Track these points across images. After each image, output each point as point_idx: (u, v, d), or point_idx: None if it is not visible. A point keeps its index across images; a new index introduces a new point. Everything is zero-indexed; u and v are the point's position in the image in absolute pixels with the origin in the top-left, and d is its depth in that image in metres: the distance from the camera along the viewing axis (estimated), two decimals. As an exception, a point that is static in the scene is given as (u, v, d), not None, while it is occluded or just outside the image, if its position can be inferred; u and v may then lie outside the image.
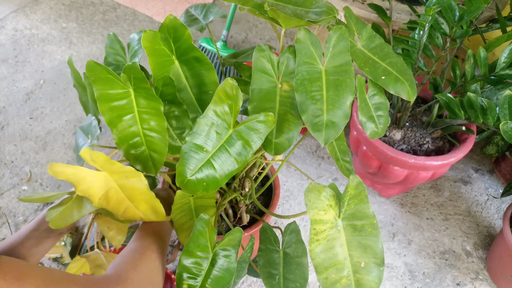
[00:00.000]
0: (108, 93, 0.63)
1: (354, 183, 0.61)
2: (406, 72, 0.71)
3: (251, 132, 0.61)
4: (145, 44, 0.64)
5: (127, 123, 0.65)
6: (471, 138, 1.16)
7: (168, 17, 0.65)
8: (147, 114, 0.65)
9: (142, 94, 0.64)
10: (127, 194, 0.64)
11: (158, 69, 0.67)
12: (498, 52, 1.45)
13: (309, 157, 1.54)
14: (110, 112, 0.64)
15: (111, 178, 0.63)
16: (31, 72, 1.83)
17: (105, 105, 0.64)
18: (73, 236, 1.27)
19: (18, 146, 1.55)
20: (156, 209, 0.67)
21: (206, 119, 0.61)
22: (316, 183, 0.60)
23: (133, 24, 2.08)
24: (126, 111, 0.65)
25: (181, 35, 0.66)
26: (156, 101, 0.64)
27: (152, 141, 0.66)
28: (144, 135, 0.66)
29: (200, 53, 0.67)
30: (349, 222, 0.60)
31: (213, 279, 0.62)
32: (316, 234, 0.58)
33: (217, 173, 0.61)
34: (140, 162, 0.66)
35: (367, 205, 0.60)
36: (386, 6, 1.25)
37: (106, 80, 0.62)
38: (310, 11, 0.64)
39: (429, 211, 1.40)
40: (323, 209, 0.59)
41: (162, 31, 0.66)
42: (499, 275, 1.19)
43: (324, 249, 0.58)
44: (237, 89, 0.60)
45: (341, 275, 0.58)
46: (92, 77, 0.61)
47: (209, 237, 0.64)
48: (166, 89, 0.66)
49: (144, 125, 0.65)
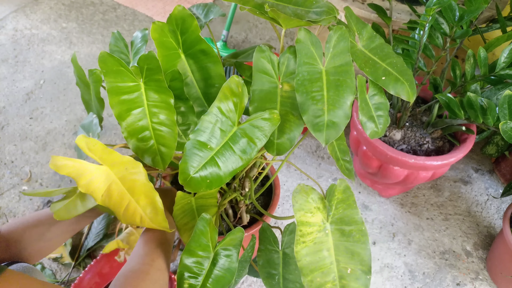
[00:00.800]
0: (119, 86, 0.63)
1: (342, 188, 0.61)
2: (406, 72, 0.71)
3: (255, 130, 0.61)
4: (154, 36, 0.64)
5: (136, 117, 0.64)
6: (471, 138, 1.16)
7: (176, 7, 0.64)
8: (157, 108, 0.65)
9: (153, 87, 0.64)
10: (127, 187, 0.63)
11: (166, 62, 0.66)
12: (498, 52, 1.45)
13: (309, 157, 1.54)
14: (119, 106, 0.63)
15: (111, 171, 0.62)
16: (31, 72, 1.83)
17: (115, 98, 0.63)
18: (73, 236, 1.27)
19: (18, 146, 1.55)
20: (155, 204, 0.64)
21: (210, 116, 0.61)
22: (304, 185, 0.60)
23: (133, 24, 2.08)
24: (136, 104, 0.64)
25: (188, 26, 0.65)
26: (167, 94, 0.63)
27: (161, 135, 0.65)
28: (153, 129, 0.65)
29: (207, 45, 0.67)
30: (337, 227, 0.60)
31: (214, 278, 0.62)
32: (302, 236, 0.58)
33: (221, 171, 0.61)
34: (149, 156, 0.66)
35: (356, 211, 0.60)
36: (386, 6, 1.25)
37: (118, 72, 0.62)
38: (310, 11, 0.64)
39: (429, 211, 1.40)
40: (310, 211, 0.59)
41: (170, 23, 0.65)
42: (499, 275, 1.19)
43: (310, 252, 0.58)
44: (243, 86, 0.60)
45: (327, 279, 0.57)
46: (105, 69, 0.61)
47: (210, 236, 0.64)
48: (174, 84, 0.66)
49: (153, 119, 0.65)
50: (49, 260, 1.24)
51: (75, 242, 1.27)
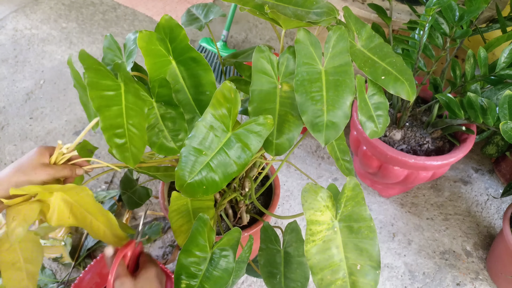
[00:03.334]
0: (99, 82, 0.63)
1: (351, 185, 0.61)
2: (406, 72, 0.71)
3: (250, 135, 0.61)
4: (141, 45, 0.64)
5: (114, 113, 0.64)
6: (471, 138, 1.16)
7: (163, 17, 0.65)
8: (133, 111, 0.65)
9: (132, 91, 0.64)
10: (84, 208, 0.68)
11: (155, 69, 0.66)
12: (498, 52, 1.45)
13: (309, 157, 1.54)
14: (99, 100, 0.63)
15: (67, 196, 0.66)
16: (31, 72, 1.83)
17: (95, 92, 0.63)
18: (73, 236, 1.28)
19: (18, 146, 1.55)
20: (110, 220, 0.69)
21: (204, 122, 0.61)
22: (313, 184, 0.60)
23: (133, 24, 2.08)
24: (114, 102, 0.64)
25: (177, 35, 0.66)
26: (142, 101, 0.64)
27: (133, 136, 0.65)
28: (127, 129, 0.65)
29: (197, 53, 0.67)
30: (345, 224, 0.60)
31: (211, 279, 0.62)
32: (312, 234, 0.58)
33: (217, 176, 0.61)
34: (121, 152, 0.65)
35: (364, 208, 0.60)
36: (386, 6, 1.25)
37: (98, 70, 0.62)
38: (311, 11, 0.64)
39: (429, 211, 1.40)
40: (320, 210, 0.59)
41: (158, 31, 0.65)
42: (499, 275, 1.19)
43: (320, 250, 0.58)
44: (236, 92, 0.60)
45: (337, 277, 0.58)
46: (85, 65, 0.61)
47: (207, 237, 0.64)
48: (162, 91, 0.66)
49: (129, 120, 0.65)
50: (49, 260, 1.24)
51: (75, 242, 1.27)
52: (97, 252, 1.26)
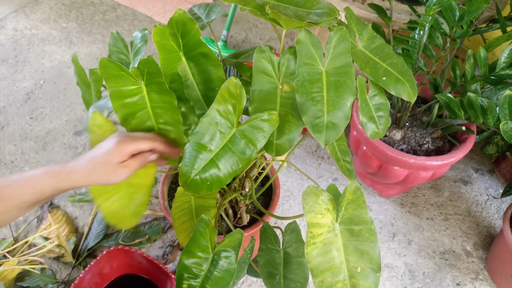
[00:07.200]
0: (121, 90, 0.63)
1: (352, 188, 0.61)
2: (407, 72, 0.71)
3: (255, 131, 0.61)
4: (155, 39, 0.64)
5: (141, 119, 0.65)
6: (471, 138, 1.16)
7: (177, 11, 0.65)
8: (160, 109, 0.65)
9: (155, 89, 0.64)
10: None
11: (166, 64, 0.67)
12: (498, 52, 1.45)
13: (309, 157, 1.54)
14: (123, 109, 0.64)
15: None
16: (31, 72, 1.83)
17: (118, 102, 0.64)
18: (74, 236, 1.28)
19: (18, 146, 1.55)
20: None
21: (209, 118, 0.61)
22: (314, 187, 0.60)
23: (133, 24, 2.08)
24: (139, 107, 0.65)
25: (189, 30, 0.66)
26: (170, 95, 0.64)
27: (166, 134, 0.67)
28: (158, 129, 0.66)
29: (208, 49, 0.67)
30: (346, 227, 0.60)
31: (213, 279, 0.62)
32: (312, 237, 0.58)
33: (221, 172, 0.61)
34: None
35: (365, 211, 0.60)
36: (386, 6, 1.25)
37: (119, 77, 0.62)
38: (311, 12, 0.64)
39: (429, 211, 1.40)
40: (321, 212, 0.59)
41: (171, 26, 0.65)
42: (499, 275, 1.19)
43: (320, 253, 0.58)
44: (241, 88, 0.60)
45: (337, 279, 0.58)
46: (105, 75, 0.61)
47: (209, 238, 0.64)
48: (174, 86, 0.66)
49: (158, 120, 0.66)
50: (50, 259, 1.24)
51: (76, 242, 1.27)
52: (97, 252, 1.26)
